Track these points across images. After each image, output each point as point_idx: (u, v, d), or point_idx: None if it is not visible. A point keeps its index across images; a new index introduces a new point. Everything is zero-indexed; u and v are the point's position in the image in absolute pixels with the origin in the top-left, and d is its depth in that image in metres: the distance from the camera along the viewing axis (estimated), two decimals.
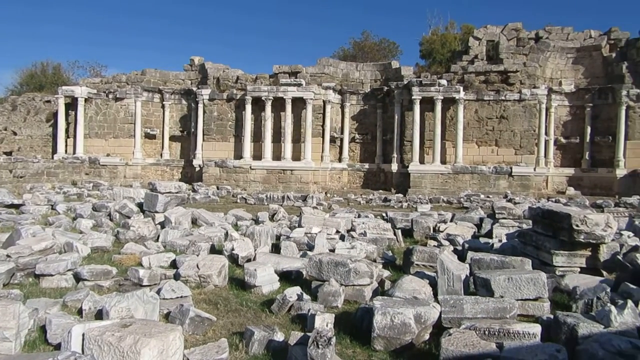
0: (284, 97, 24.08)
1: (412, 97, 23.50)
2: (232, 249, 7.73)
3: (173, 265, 7.22)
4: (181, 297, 5.43)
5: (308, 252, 7.81)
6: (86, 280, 6.15)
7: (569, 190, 23.11)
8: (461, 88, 23.32)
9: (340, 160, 26.17)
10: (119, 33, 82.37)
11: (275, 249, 8.53)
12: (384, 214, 13.29)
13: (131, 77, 26.93)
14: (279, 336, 4.38)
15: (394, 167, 24.55)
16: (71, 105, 25.95)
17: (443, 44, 28.91)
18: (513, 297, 4.99)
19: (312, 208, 14.33)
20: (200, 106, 25.66)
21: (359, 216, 12.89)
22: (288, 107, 24.18)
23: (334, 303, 5.49)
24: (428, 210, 15.32)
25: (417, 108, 23.52)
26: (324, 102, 25.07)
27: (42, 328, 4.49)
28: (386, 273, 6.80)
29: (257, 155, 24.73)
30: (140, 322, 3.79)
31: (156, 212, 11.53)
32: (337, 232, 10.07)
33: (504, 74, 23.73)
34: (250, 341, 4.28)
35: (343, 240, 9.14)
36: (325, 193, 22.38)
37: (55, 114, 26.47)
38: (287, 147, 24.33)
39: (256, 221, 12.02)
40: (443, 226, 10.76)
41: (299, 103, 24.26)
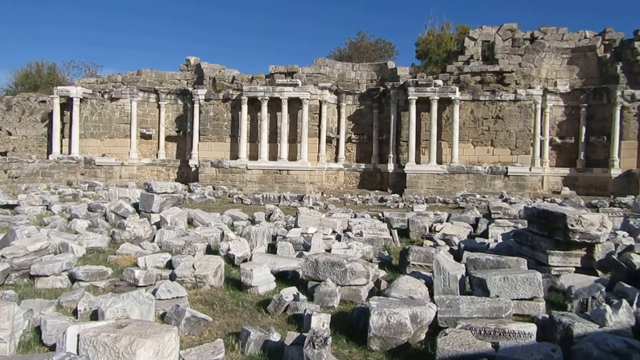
0: (280, 97, 24.07)
1: (408, 98, 23.54)
2: (228, 249, 7.72)
3: (169, 265, 7.20)
4: (177, 298, 5.42)
5: (304, 252, 7.82)
6: (81, 280, 6.12)
7: (564, 190, 23.20)
8: (457, 88, 23.38)
9: (336, 160, 26.18)
10: (115, 33, 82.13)
11: (271, 249, 8.52)
12: (380, 214, 13.30)
13: (127, 77, 26.85)
14: (275, 336, 4.37)
15: (390, 167, 24.58)
16: (66, 105, 25.85)
17: (439, 45, 28.96)
18: (509, 297, 5.00)
19: (309, 208, 14.32)
20: (196, 106, 25.62)
21: (355, 216, 12.89)
22: (284, 107, 24.17)
23: (330, 303, 5.49)
24: (424, 210, 15.34)
25: (413, 108, 23.56)
26: (320, 102, 25.08)
27: (37, 329, 4.47)
28: (382, 273, 6.81)
29: (254, 155, 24.71)
30: (135, 323, 3.77)
31: (152, 213, 11.49)
32: (334, 232, 10.08)
33: (500, 74, 23.81)
34: (246, 342, 4.27)
35: (339, 240, 9.14)
36: (321, 193, 22.38)
37: (50, 114, 26.36)
38: (284, 147, 24.33)
39: (252, 221, 12.01)
40: (439, 226, 10.77)
41: (295, 103, 24.26)
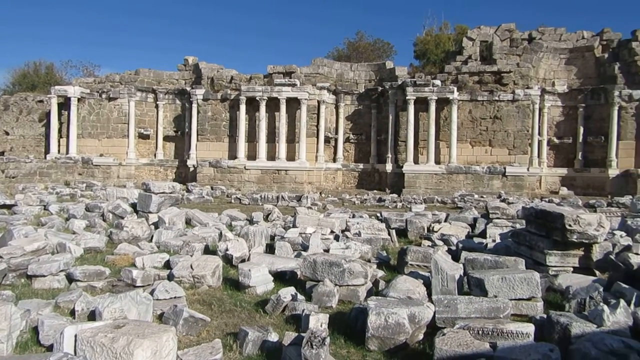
0: (279, 97, 24.05)
1: (407, 98, 23.55)
2: (226, 250, 7.71)
3: (167, 265, 7.19)
4: (175, 298, 5.41)
5: (302, 253, 7.81)
6: (79, 281, 6.11)
7: (562, 190, 23.24)
8: (455, 88, 23.40)
9: (334, 160, 26.18)
10: (113, 33, 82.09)
11: (269, 249, 8.51)
12: (379, 214, 13.30)
13: (125, 77, 26.81)
14: (273, 336, 4.37)
15: (389, 167, 24.59)
16: (64, 105, 25.80)
17: (437, 45, 28.99)
18: (507, 297, 5.00)
19: (307, 208, 14.32)
20: (194, 106, 25.59)
21: (354, 216, 12.90)
22: (282, 107, 24.16)
23: (328, 303, 5.48)
24: (422, 210, 15.35)
25: (412, 108, 23.57)
26: (319, 102, 25.07)
27: (34, 329, 4.46)
28: (380, 273, 6.81)
29: (252, 155, 24.69)
30: (133, 323, 3.76)
31: (150, 213, 11.48)
32: (332, 232, 10.08)
33: (498, 75, 23.84)
34: (244, 342, 4.27)
35: (337, 240, 9.14)
36: (319, 193, 22.37)
37: (48, 114, 26.30)
38: (282, 147, 24.31)
39: (250, 221, 12.00)
40: (437, 226, 10.78)
41: (294, 103, 24.25)
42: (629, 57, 23.02)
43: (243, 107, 24.52)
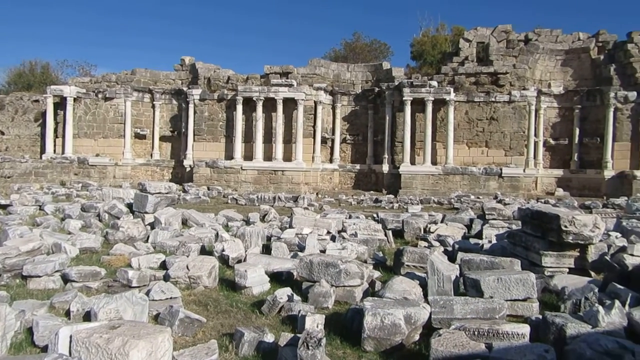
0: (275, 98, 24.05)
1: (403, 98, 23.59)
2: (223, 250, 7.71)
3: (163, 266, 7.17)
4: (171, 299, 5.40)
5: (299, 253, 7.80)
6: (74, 281, 6.09)
7: (558, 191, 23.33)
8: (452, 89, 23.44)
9: (331, 161, 26.19)
10: (109, 33, 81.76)
11: (266, 250, 8.50)
12: (375, 215, 13.31)
13: (121, 77, 26.73)
14: (269, 337, 4.37)
15: (385, 168, 24.62)
16: (60, 104, 25.69)
17: (434, 46, 29.03)
18: (502, 298, 5.02)
19: (303, 209, 14.30)
20: (190, 106, 25.54)
21: (350, 217, 12.89)
22: (279, 108, 24.15)
23: (325, 304, 5.48)
24: (419, 211, 15.36)
25: (408, 109, 23.61)
26: (315, 103, 25.08)
27: (29, 330, 4.44)
28: (377, 274, 6.81)
29: (248, 155, 24.66)
30: (129, 324, 3.75)
31: (146, 213, 11.45)
32: (328, 233, 10.07)
33: (494, 76, 23.91)
34: (240, 342, 4.26)
35: (334, 241, 9.14)
36: (316, 194, 22.38)
37: (43, 114, 26.19)
38: (278, 148, 24.31)
39: (247, 222, 11.98)
40: (433, 227, 10.80)
41: (290, 104, 24.25)
42: (625, 59, 23.13)
43: (240, 108, 24.49)
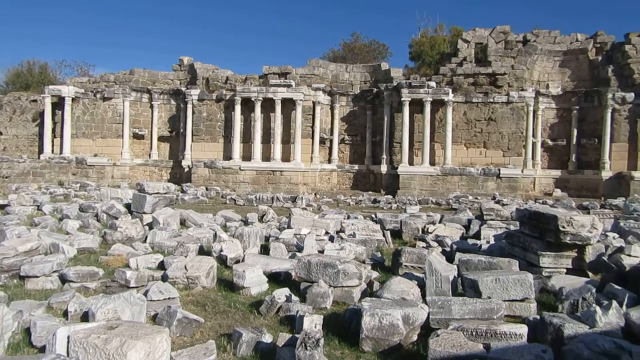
0: (274, 98, 24.04)
1: (402, 99, 23.60)
2: (221, 250, 7.70)
3: (161, 266, 7.16)
4: (169, 299, 5.39)
5: (297, 254, 7.81)
6: (72, 281, 6.07)
7: (556, 192, 23.36)
8: (450, 90, 23.46)
9: (329, 161, 26.20)
10: (108, 32, 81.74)
11: (264, 250, 8.50)
12: (373, 215, 13.31)
13: (119, 77, 26.69)
14: (267, 338, 4.37)
15: (383, 169, 24.62)
16: (58, 104, 25.65)
17: (432, 46, 29.07)
18: (500, 298, 5.02)
19: (302, 209, 14.29)
20: (189, 106, 25.53)
21: (348, 217, 12.89)
22: (278, 108, 24.14)
23: (323, 304, 5.48)
24: (417, 211, 15.37)
25: (407, 110, 23.63)
26: (314, 103, 25.08)
27: (27, 330, 4.43)
28: (375, 274, 6.82)
29: (247, 156, 24.65)
30: (126, 324, 3.75)
31: (144, 213, 11.43)
32: (327, 233, 10.07)
33: (492, 77, 23.95)
34: (238, 343, 4.26)
35: (332, 241, 9.14)
36: (314, 194, 22.38)
37: (41, 114, 26.14)
38: (277, 148, 24.30)
39: (245, 222, 11.97)
40: (432, 227, 10.80)
41: (289, 104, 24.24)
42: (623, 60, 23.18)
43: (238, 108, 24.48)
